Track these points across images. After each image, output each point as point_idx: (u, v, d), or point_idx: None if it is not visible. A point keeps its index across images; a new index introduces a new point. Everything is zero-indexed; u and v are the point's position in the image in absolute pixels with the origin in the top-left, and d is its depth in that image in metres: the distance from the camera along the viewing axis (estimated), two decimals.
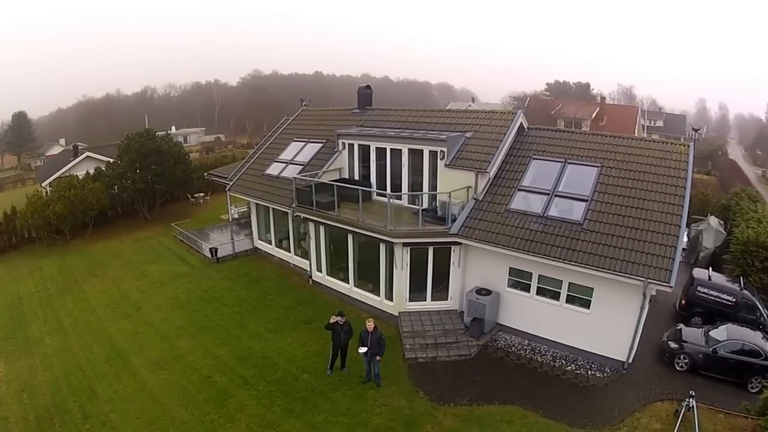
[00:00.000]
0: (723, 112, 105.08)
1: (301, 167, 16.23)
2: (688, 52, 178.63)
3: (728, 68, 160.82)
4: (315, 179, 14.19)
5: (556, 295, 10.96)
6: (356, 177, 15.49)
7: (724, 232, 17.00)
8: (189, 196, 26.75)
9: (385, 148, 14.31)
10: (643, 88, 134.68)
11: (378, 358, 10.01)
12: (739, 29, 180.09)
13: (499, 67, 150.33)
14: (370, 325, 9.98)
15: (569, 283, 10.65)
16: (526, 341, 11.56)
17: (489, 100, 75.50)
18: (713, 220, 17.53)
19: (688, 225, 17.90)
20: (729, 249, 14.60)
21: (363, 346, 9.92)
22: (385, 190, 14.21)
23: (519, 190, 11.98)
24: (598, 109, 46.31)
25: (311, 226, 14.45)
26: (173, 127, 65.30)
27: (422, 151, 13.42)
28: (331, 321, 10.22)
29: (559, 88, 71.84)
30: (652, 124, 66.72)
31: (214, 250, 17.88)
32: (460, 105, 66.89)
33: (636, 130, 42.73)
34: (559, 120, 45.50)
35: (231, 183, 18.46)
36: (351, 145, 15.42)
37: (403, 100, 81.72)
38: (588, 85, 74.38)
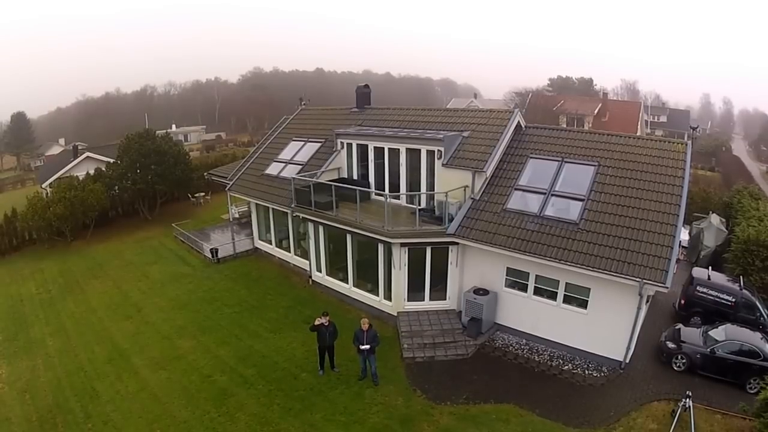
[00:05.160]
0: (728, 107, 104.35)
1: (300, 167, 16.26)
2: (693, 42, 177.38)
3: (734, 59, 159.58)
4: (313, 179, 14.22)
5: (553, 295, 10.97)
6: (355, 176, 15.51)
7: (725, 230, 16.90)
8: (189, 196, 26.84)
9: (383, 148, 14.32)
10: (647, 82, 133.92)
11: (368, 346, 10.02)
12: (744, 21, 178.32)
13: (502, 62, 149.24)
14: (365, 324, 10.04)
15: (566, 283, 10.66)
16: (524, 341, 11.59)
17: (491, 95, 75.23)
18: (714, 218, 17.42)
19: (689, 223, 17.89)
20: (730, 248, 14.52)
21: (361, 344, 9.98)
22: (384, 189, 14.22)
23: (516, 189, 11.97)
24: (600, 105, 45.98)
25: (310, 226, 14.50)
26: (173, 126, 65.44)
27: (420, 150, 13.42)
28: (316, 323, 10.28)
29: (562, 84, 71.46)
30: (656, 120, 66.32)
31: (214, 251, 17.97)
32: (462, 101, 66.68)
33: (639, 126, 42.44)
34: (561, 116, 45.22)
35: (231, 183, 18.51)
36: (349, 145, 15.43)
37: (405, 97, 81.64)
38: (591, 80, 74.00)
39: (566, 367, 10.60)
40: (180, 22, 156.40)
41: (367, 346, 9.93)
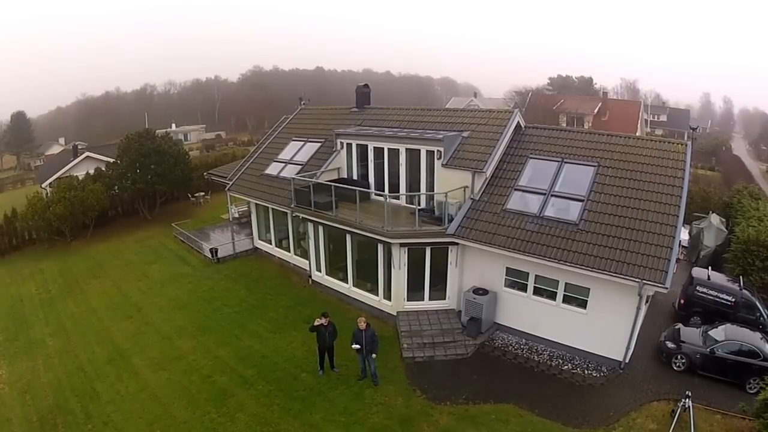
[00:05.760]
0: (728, 107, 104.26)
1: (300, 167, 16.25)
2: (693, 41, 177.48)
3: (734, 58, 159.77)
4: (313, 180, 14.21)
5: (552, 295, 10.98)
6: (354, 176, 15.50)
7: (725, 230, 16.89)
8: (189, 196, 26.84)
9: (383, 148, 14.31)
10: (647, 81, 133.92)
11: (373, 355, 10.11)
12: (744, 20, 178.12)
13: (502, 61, 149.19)
14: (362, 324, 10.05)
15: (566, 283, 10.66)
16: (524, 340, 11.60)
17: (492, 95, 75.15)
18: (714, 218, 17.41)
19: (689, 223, 17.89)
20: (730, 248, 14.52)
21: (357, 344, 10.00)
22: (384, 189, 14.22)
23: (516, 189, 11.97)
24: (600, 104, 45.94)
25: (310, 227, 14.50)
26: (173, 125, 65.37)
27: (419, 150, 13.41)
28: (316, 323, 10.29)
29: (562, 83, 71.43)
30: (656, 119, 66.30)
31: (214, 251, 17.97)
32: (462, 100, 66.63)
33: (639, 126, 42.43)
34: (561, 115, 45.20)
35: (231, 183, 18.51)
36: (349, 145, 15.42)
37: (405, 96, 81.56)
38: (591, 79, 73.93)
39: (566, 366, 10.61)
40: (180, 20, 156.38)
41: (358, 346, 9.94)
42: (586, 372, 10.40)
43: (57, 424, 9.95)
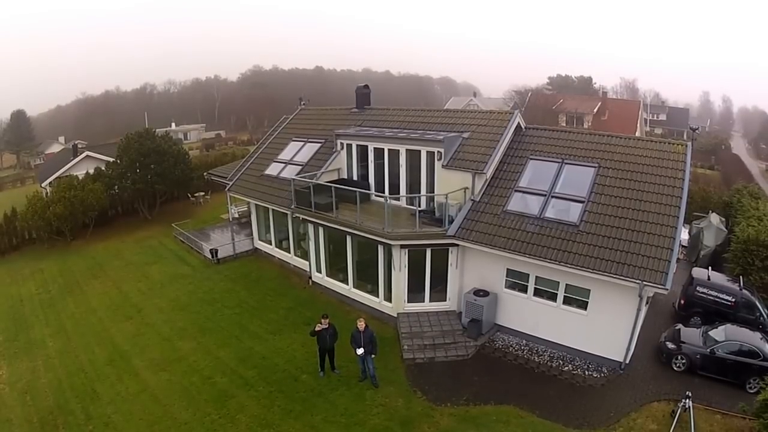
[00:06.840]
0: (727, 105, 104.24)
1: (300, 167, 16.24)
2: (692, 40, 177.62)
3: (733, 57, 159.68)
4: (313, 180, 14.19)
5: (553, 296, 10.98)
6: (355, 177, 15.49)
7: (725, 229, 16.91)
8: (189, 196, 26.82)
9: (383, 149, 14.29)
10: (646, 80, 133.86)
11: (372, 356, 10.12)
12: (744, 19, 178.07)
13: (502, 60, 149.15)
14: (361, 324, 10.06)
15: (566, 284, 10.67)
16: (524, 341, 11.61)
17: (491, 94, 74.99)
18: (714, 218, 17.42)
19: (688, 222, 17.89)
20: (730, 247, 14.52)
21: (358, 346, 10.01)
22: (384, 190, 14.21)
23: (516, 191, 11.96)
24: (599, 103, 45.92)
25: (310, 227, 14.49)
26: (173, 124, 65.40)
27: (420, 151, 13.40)
28: (317, 329, 10.25)
29: (561, 82, 71.44)
30: (655, 118, 66.39)
31: (214, 251, 17.96)
32: (461, 100, 66.64)
33: (638, 125, 42.41)
34: (560, 115, 45.21)
35: (231, 183, 18.49)
36: (349, 146, 15.41)
37: (405, 95, 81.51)
38: (590, 78, 73.95)
39: (566, 367, 10.63)
40: (180, 19, 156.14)
41: (361, 350, 9.95)
42: (586, 373, 10.42)
43: (57, 424, 9.96)
